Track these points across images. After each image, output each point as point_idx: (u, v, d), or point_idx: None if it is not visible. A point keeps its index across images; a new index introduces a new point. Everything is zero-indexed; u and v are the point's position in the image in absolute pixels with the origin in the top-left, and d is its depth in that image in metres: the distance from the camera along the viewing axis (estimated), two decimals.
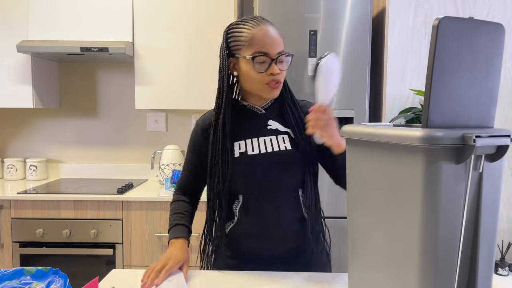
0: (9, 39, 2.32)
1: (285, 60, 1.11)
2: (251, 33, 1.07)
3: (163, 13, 2.31)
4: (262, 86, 1.10)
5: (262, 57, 1.07)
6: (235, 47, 1.10)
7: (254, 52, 1.07)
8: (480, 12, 2.58)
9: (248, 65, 1.08)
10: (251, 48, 1.07)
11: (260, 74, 1.08)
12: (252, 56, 1.07)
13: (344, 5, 1.94)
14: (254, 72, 1.08)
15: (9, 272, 0.85)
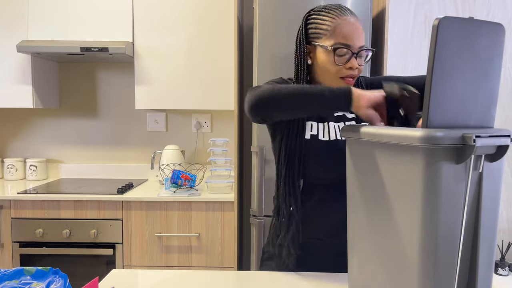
0: (9, 39, 2.32)
1: (364, 55, 1.07)
2: (336, 23, 1.03)
3: (163, 13, 2.31)
4: (336, 79, 1.05)
5: (343, 49, 1.02)
6: (315, 34, 1.06)
7: (336, 42, 1.02)
8: (480, 12, 2.58)
9: (327, 55, 1.04)
10: (333, 38, 1.02)
11: (338, 67, 1.03)
12: (333, 47, 1.02)
13: (344, 5, 1.94)
14: (332, 63, 1.03)
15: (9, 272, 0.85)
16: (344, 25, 1.02)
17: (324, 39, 1.04)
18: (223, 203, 2.14)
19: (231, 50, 2.31)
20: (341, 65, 1.03)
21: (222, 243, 2.16)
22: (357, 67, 1.04)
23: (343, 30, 1.02)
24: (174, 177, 2.20)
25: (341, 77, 1.04)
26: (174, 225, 2.15)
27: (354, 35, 1.02)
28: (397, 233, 0.73)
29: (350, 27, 1.02)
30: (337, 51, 1.02)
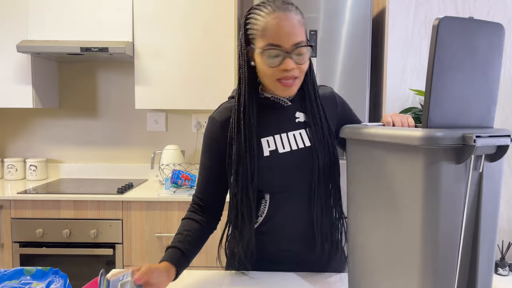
0: (9, 39, 2.32)
1: (305, 52, 0.96)
2: (265, 21, 0.94)
3: (163, 13, 2.31)
4: (274, 83, 0.98)
5: (274, 50, 0.93)
6: (251, 35, 0.98)
7: (266, 44, 0.94)
8: (480, 12, 2.58)
9: (260, 58, 0.96)
10: (264, 39, 0.94)
11: (272, 69, 0.95)
12: (264, 49, 0.94)
13: (344, 5, 1.94)
14: (266, 66, 0.95)
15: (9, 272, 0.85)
16: (274, 23, 0.93)
17: (258, 40, 0.96)
18: None
19: (231, 50, 2.31)
20: (275, 67, 0.95)
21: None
22: (293, 68, 0.95)
23: (272, 29, 0.93)
24: (174, 177, 2.20)
25: (277, 79, 0.97)
26: (174, 225, 2.15)
27: (285, 33, 0.92)
28: (398, 232, 0.73)
29: (280, 24, 0.92)
30: (268, 53, 0.94)
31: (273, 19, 0.93)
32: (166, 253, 1.01)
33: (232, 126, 1.03)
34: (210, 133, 1.08)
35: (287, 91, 0.99)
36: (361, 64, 1.96)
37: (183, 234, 1.05)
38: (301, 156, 1.05)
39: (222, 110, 1.08)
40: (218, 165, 1.08)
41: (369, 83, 1.98)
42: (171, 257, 0.99)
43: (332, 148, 1.07)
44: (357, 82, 1.96)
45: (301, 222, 1.08)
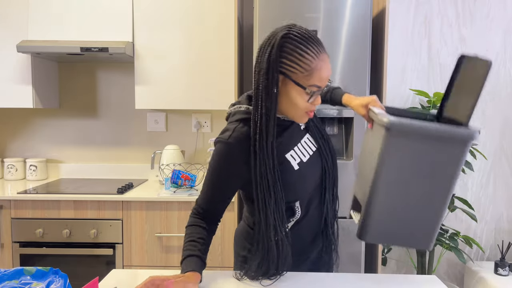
0: (9, 39, 2.32)
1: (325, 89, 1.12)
2: (315, 64, 0.99)
3: (163, 13, 2.31)
4: (302, 114, 1.04)
5: (317, 90, 1.01)
6: (291, 68, 0.99)
7: (313, 85, 1.00)
8: (480, 12, 2.58)
9: (300, 93, 1.01)
10: (310, 78, 0.99)
11: (306, 104, 1.02)
12: (311, 90, 1.00)
13: (344, 5, 1.94)
14: (304, 102, 1.02)
15: (9, 272, 0.85)
16: (323, 67, 1.00)
17: (301, 77, 0.99)
18: None
19: (231, 50, 2.31)
20: (311, 102, 1.03)
21: (222, 243, 2.16)
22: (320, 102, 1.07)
23: (321, 73, 0.99)
24: (174, 177, 2.20)
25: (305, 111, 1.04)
26: (174, 225, 2.15)
27: (327, 77, 1.01)
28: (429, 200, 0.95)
29: (326, 68, 1.01)
30: (311, 93, 1.00)
31: (322, 62, 1.00)
32: (192, 262, 1.02)
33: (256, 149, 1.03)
34: (228, 156, 1.05)
35: (307, 119, 1.07)
36: (361, 64, 1.96)
37: (199, 242, 1.07)
38: (315, 158, 1.14)
39: (238, 135, 1.05)
40: (232, 186, 1.09)
41: (369, 83, 1.98)
42: (198, 266, 1.02)
43: (331, 146, 1.18)
44: (357, 82, 1.96)
45: (318, 223, 1.17)
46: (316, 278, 1.10)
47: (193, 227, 1.10)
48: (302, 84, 0.99)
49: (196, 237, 1.07)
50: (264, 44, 1.02)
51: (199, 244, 1.06)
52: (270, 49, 1.00)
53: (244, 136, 1.05)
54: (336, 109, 1.98)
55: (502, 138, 2.64)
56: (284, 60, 0.99)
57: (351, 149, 2.00)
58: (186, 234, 1.09)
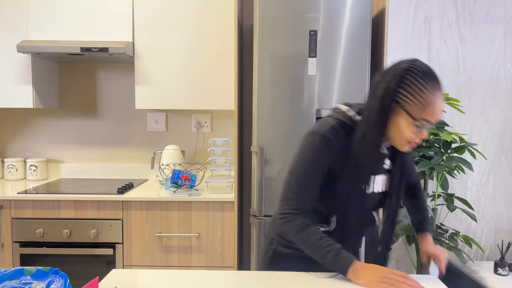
0: (9, 39, 2.32)
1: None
2: (431, 99, 1.03)
3: (163, 13, 2.31)
4: (405, 142, 1.10)
5: (427, 125, 1.05)
6: (406, 98, 1.04)
7: (424, 118, 1.04)
8: (480, 12, 2.58)
9: (408, 123, 1.06)
10: (422, 112, 1.04)
11: (412, 134, 1.07)
12: (421, 123, 1.05)
13: (344, 5, 1.94)
14: (410, 132, 1.06)
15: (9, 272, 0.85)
16: (437, 104, 1.04)
17: (414, 109, 1.04)
18: (223, 203, 2.14)
19: (231, 50, 2.31)
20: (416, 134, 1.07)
21: (222, 243, 2.16)
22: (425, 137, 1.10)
23: (435, 108, 1.04)
24: (174, 177, 2.20)
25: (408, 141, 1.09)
26: (174, 225, 2.15)
27: (438, 115, 1.05)
28: None
29: (439, 106, 1.04)
30: (421, 125, 1.05)
31: (437, 99, 1.04)
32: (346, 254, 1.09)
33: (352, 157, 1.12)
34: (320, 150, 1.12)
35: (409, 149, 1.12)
36: (361, 64, 1.96)
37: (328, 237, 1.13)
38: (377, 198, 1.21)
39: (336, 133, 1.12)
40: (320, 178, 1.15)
41: (369, 83, 1.98)
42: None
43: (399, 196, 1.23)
44: (357, 82, 1.97)
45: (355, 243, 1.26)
46: (316, 277, 1.10)
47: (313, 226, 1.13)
48: (414, 116, 1.04)
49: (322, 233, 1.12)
50: (385, 72, 1.09)
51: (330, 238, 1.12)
52: (390, 78, 1.06)
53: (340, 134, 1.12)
54: None
55: (502, 138, 2.64)
56: (402, 90, 1.04)
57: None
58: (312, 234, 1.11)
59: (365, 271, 1.05)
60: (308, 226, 1.11)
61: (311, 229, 1.11)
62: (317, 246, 1.09)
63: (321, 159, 1.11)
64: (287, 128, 1.98)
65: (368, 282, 1.04)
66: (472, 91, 2.63)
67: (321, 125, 1.13)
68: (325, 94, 1.97)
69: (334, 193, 1.15)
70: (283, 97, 1.98)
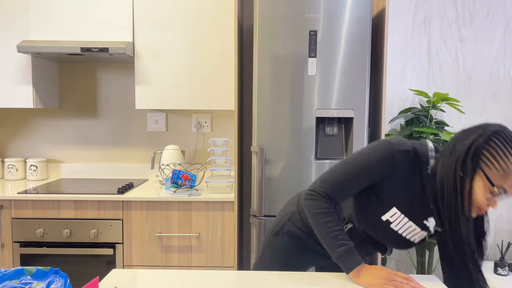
0: (9, 39, 2.32)
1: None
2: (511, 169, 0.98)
3: (163, 13, 2.31)
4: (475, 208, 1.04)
5: (502, 193, 1.00)
6: (489, 161, 0.99)
7: (502, 186, 0.99)
8: (480, 12, 2.58)
9: (484, 189, 1.01)
10: (502, 179, 0.99)
11: (484, 200, 1.02)
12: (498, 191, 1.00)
13: (344, 5, 1.94)
14: (483, 197, 1.01)
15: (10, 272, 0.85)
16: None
17: (495, 174, 0.99)
18: (223, 203, 2.14)
19: (231, 50, 2.31)
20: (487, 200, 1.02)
21: (222, 243, 2.17)
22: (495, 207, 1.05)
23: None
24: (174, 177, 2.20)
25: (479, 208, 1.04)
26: (174, 225, 2.15)
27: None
28: None
29: None
30: (496, 192, 1.00)
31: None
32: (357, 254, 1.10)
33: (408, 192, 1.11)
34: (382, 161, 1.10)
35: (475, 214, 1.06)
36: (361, 64, 1.96)
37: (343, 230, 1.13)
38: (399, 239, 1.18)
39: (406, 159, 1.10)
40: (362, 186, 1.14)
41: (368, 83, 1.98)
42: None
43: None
44: (357, 82, 1.97)
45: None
46: (316, 277, 1.10)
47: (334, 214, 1.13)
48: (493, 182, 0.99)
49: (341, 225, 1.12)
50: (469, 130, 1.04)
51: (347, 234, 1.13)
52: (477, 137, 1.01)
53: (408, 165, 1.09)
54: (336, 109, 1.98)
55: None
56: (486, 152, 1.00)
57: (350, 149, 2.00)
58: (330, 221, 1.11)
59: (368, 272, 1.06)
60: (331, 213, 1.12)
61: (332, 216, 1.12)
62: (331, 235, 1.09)
63: (377, 171, 1.10)
64: (287, 128, 1.98)
65: (371, 283, 1.04)
66: (472, 91, 2.63)
67: (402, 143, 1.11)
68: (325, 94, 1.97)
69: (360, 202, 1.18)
70: (283, 97, 1.98)
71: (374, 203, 1.13)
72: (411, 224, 1.14)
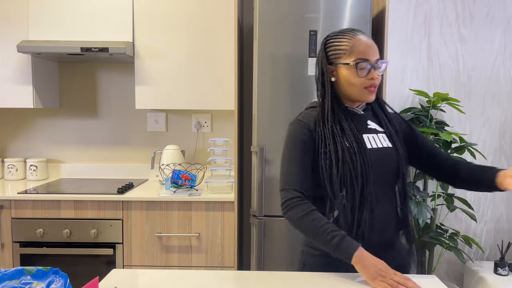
0: (9, 39, 2.33)
1: (381, 66, 1.20)
2: (352, 42, 1.18)
3: (163, 13, 2.31)
4: (361, 90, 1.18)
5: (363, 63, 1.16)
6: (335, 55, 1.20)
7: (356, 58, 1.16)
8: (480, 12, 2.58)
9: (349, 70, 1.18)
10: (352, 55, 1.17)
11: (361, 79, 1.17)
12: (355, 62, 1.16)
13: (344, 5, 1.94)
14: (356, 77, 1.17)
15: (10, 272, 0.85)
16: (360, 43, 1.17)
17: (345, 58, 1.18)
18: (223, 203, 2.14)
19: (231, 50, 2.31)
20: (363, 77, 1.17)
21: (222, 243, 2.17)
22: (377, 77, 1.18)
23: (360, 47, 1.17)
24: (174, 177, 2.20)
25: (365, 87, 1.18)
26: (174, 225, 2.15)
27: (369, 50, 1.17)
28: None
29: (365, 44, 1.17)
30: (358, 65, 1.16)
31: (358, 41, 1.18)
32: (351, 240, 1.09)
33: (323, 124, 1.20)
34: (301, 134, 1.21)
35: (372, 96, 1.20)
36: None
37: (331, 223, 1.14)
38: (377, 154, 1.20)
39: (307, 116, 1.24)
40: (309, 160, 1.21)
41: None
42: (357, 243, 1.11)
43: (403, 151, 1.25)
44: None
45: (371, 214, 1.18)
46: (316, 277, 1.10)
47: (315, 212, 1.15)
48: (348, 62, 1.17)
49: (326, 220, 1.13)
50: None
51: (335, 225, 1.13)
52: (318, 53, 1.24)
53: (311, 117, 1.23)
54: None
55: (502, 138, 2.64)
56: (328, 51, 1.21)
57: None
58: (315, 219, 1.12)
59: (369, 262, 1.04)
60: (311, 212, 1.13)
61: (314, 214, 1.13)
62: (321, 232, 1.09)
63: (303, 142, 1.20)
64: (287, 128, 1.98)
65: (368, 277, 1.04)
66: (472, 91, 2.63)
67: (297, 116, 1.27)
68: None
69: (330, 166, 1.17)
70: (283, 97, 1.98)
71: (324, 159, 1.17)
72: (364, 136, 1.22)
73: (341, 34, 1.21)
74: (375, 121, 1.28)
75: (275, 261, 2.04)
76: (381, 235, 1.19)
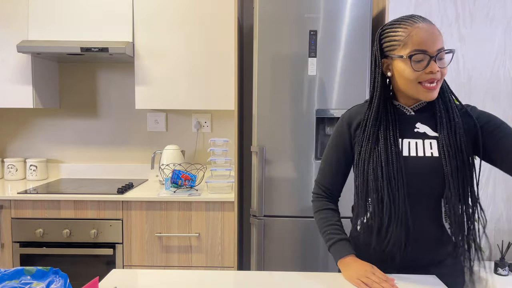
0: (9, 39, 2.32)
1: (445, 57, 1.05)
2: (408, 32, 1.03)
3: (163, 13, 2.31)
4: (416, 87, 1.04)
5: (419, 55, 1.01)
6: (389, 47, 1.07)
7: (411, 50, 1.02)
8: (480, 12, 2.58)
9: (404, 64, 1.04)
10: (408, 47, 1.03)
11: (417, 73, 1.02)
12: (409, 55, 1.02)
13: (344, 5, 1.94)
14: (411, 71, 1.03)
15: (9, 272, 0.85)
16: (417, 32, 1.02)
17: (399, 50, 1.05)
18: (223, 203, 2.14)
19: (231, 50, 2.31)
20: (420, 70, 1.02)
21: (222, 243, 2.16)
22: (438, 70, 1.02)
23: (416, 37, 1.02)
24: (174, 177, 2.20)
25: (419, 82, 1.04)
26: (174, 225, 2.15)
27: (428, 40, 1.01)
28: None
29: (423, 33, 1.01)
30: (413, 58, 1.02)
31: (416, 29, 1.02)
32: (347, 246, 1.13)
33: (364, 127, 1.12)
34: (337, 130, 1.20)
35: (430, 94, 1.04)
36: (361, 64, 1.96)
37: (339, 225, 1.17)
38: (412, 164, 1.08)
39: (354, 113, 1.19)
40: (344, 158, 1.19)
41: (369, 83, 1.98)
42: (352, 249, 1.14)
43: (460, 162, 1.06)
44: (357, 82, 1.97)
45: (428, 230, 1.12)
46: (316, 277, 1.10)
47: (326, 210, 1.18)
48: (403, 54, 1.04)
49: (334, 220, 1.17)
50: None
51: (340, 227, 1.16)
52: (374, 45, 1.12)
53: (357, 113, 1.17)
54: (336, 109, 1.98)
55: None
56: (383, 43, 1.09)
57: None
58: (322, 218, 1.17)
59: (352, 265, 1.08)
60: (323, 210, 1.18)
61: (324, 214, 1.17)
62: (322, 231, 1.16)
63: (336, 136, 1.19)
64: (287, 128, 1.98)
65: (348, 276, 1.07)
66: (472, 91, 2.63)
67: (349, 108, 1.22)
68: (325, 94, 1.97)
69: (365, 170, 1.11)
70: (283, 97, 1.98)
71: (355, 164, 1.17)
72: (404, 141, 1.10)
73: (397, 22, 1.06)
74: (430, 123, 1.11)
75: (275, 261, 2.04)
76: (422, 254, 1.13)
